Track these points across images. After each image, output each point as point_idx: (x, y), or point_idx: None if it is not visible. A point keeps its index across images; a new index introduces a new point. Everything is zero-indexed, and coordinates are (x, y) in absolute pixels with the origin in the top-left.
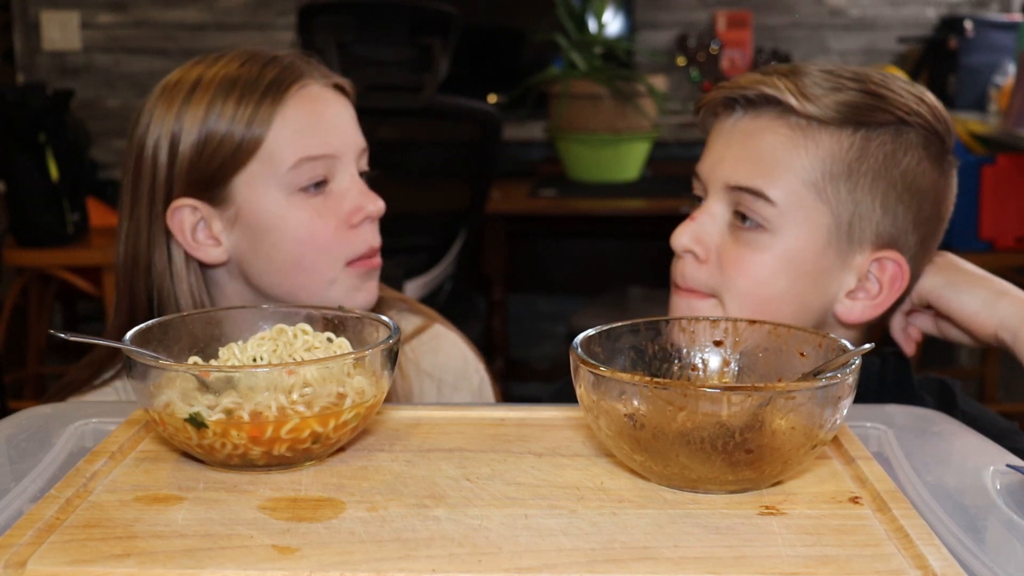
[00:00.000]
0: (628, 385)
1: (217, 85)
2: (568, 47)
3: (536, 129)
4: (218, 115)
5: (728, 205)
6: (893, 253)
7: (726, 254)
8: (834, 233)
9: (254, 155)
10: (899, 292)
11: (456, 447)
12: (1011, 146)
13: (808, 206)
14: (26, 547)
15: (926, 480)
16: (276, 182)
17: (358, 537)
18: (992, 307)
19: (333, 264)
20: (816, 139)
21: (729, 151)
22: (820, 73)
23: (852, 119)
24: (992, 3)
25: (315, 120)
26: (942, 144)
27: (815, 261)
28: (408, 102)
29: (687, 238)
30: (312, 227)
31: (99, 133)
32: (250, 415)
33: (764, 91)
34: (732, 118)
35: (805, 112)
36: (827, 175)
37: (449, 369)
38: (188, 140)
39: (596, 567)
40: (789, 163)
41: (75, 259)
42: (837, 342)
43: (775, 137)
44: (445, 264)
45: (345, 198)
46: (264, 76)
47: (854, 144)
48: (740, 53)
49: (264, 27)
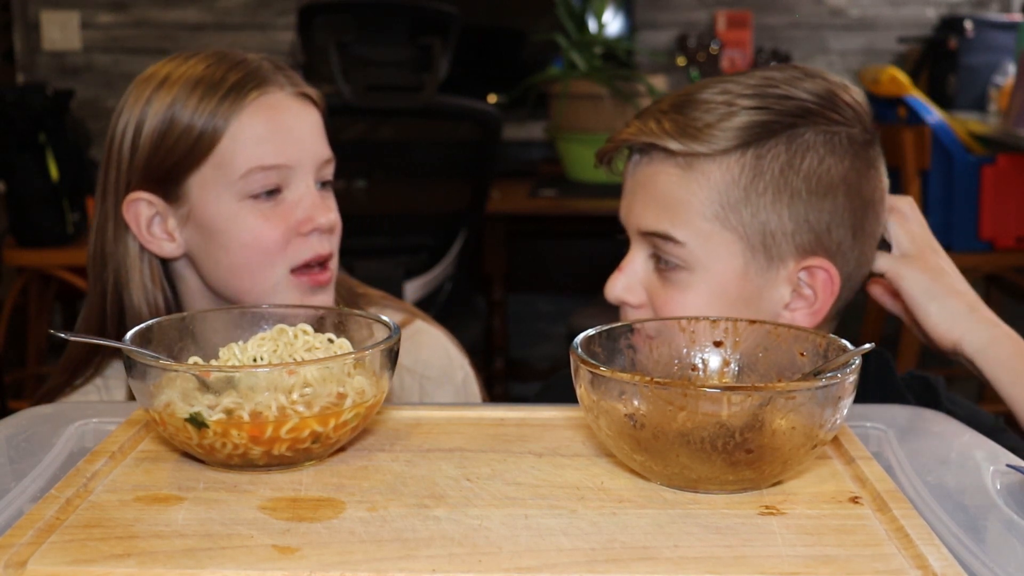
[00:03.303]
0: (628, 385)
1: (183, 82)
2: (568, 47)
3: (536, 129)
4: (179, 110)
5: (647, 249)
6: (818, 259)
7: (657, 298)
8: (750, 256)
9: (208, 157)
10: (833, 295)
11: (456, 447)
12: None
13: (716, 238)
14: (26, 547)
15: (926, 480)
16: (227, 187)
17: (358, 537)
18: (958, 323)
19: (275, 270)
20: (706, 172)
21: (635, 198)
22: (709, 99)
23: (740, 141)
24: (992, 3)
25: (271, 129)
26: (848, 128)
27: (740, 287)
28: (408, 102)
29: (618, 290)
30: (257, 232)
31: (99, 133)
32: (250, 415)
33: (643, 140)
34: (631, 163)
35: (688, 151)
36: (726, 204)
37: (432, 365)
38: (148, 130)
39: (596, 567)
40: (686, 202)
41: (75, 259)
42: (837, 342)
43: (667, 178)
44: (445, 264)
45: (297, 208)
46: (227, 79)
47: (746, 166)
48: (740, 53)
49: (264, 27)
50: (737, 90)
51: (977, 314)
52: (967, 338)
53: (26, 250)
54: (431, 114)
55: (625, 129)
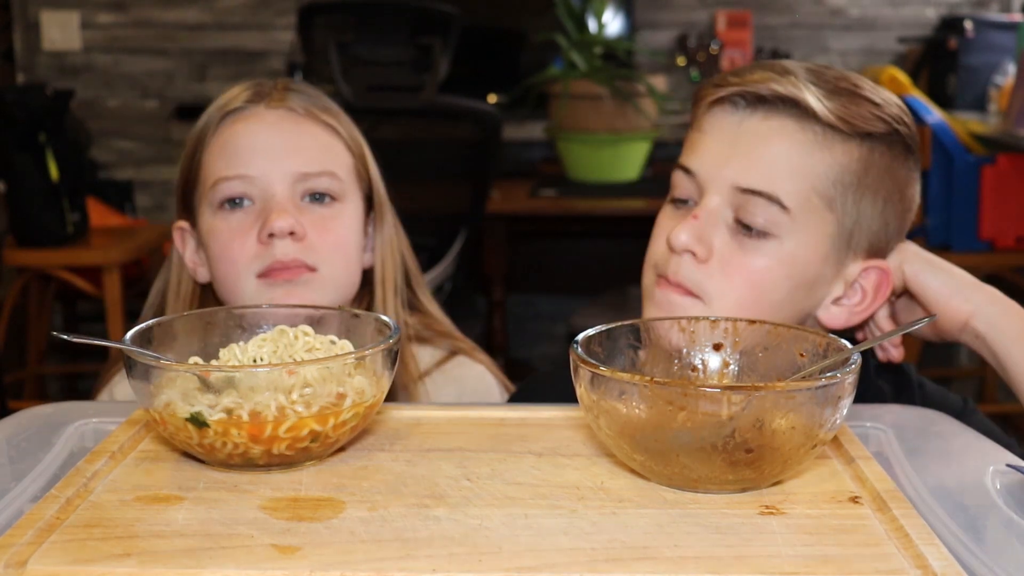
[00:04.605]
0: (628, 385)
1: (213, 106)
2: (568, 47)
3: (536, 129)
4: (197, 132)
5: (731, 207)
6: (880, 261)
7: (730, 258)
8: (836, 242)
9: (199, 176)
10: (883, 299)
11: (456, 447)
12: (1011, 146)
13: (817, 215)
14: (26, 547)
15: (926, 480)
16: (206, 200)
17: (358, 537)
18: (967, 293)
19: (246, 280)
20: (831, 147)
21: (736, 152)
22: (817, 75)
23: (859, 129)
24: (992, 3)
25: (236, 142)
26: (912, 146)
27: (815, 269)
28: (408, 102)
29: (688, 236)
30: (224, 241)
31: (99, 133)
32: (249, 415)
33: (782, 92)
34: (735, 115)
35: (826, 118)
36: (838, 185)
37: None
38: (181, 158)
39: (596, 567)
40: (807, 171)
41: (75, 259)
42: (837, 342)
43: (791, 142)
44: (445, 264)
45: (260, 217)
46: (229, 103)
47: (862, 154)
48: (740, 53)
49: (264, 27)
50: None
51: (982, 288)
52: (978, 312)
53: (26, 250)
54: (431, 114)
55: (746, 75)
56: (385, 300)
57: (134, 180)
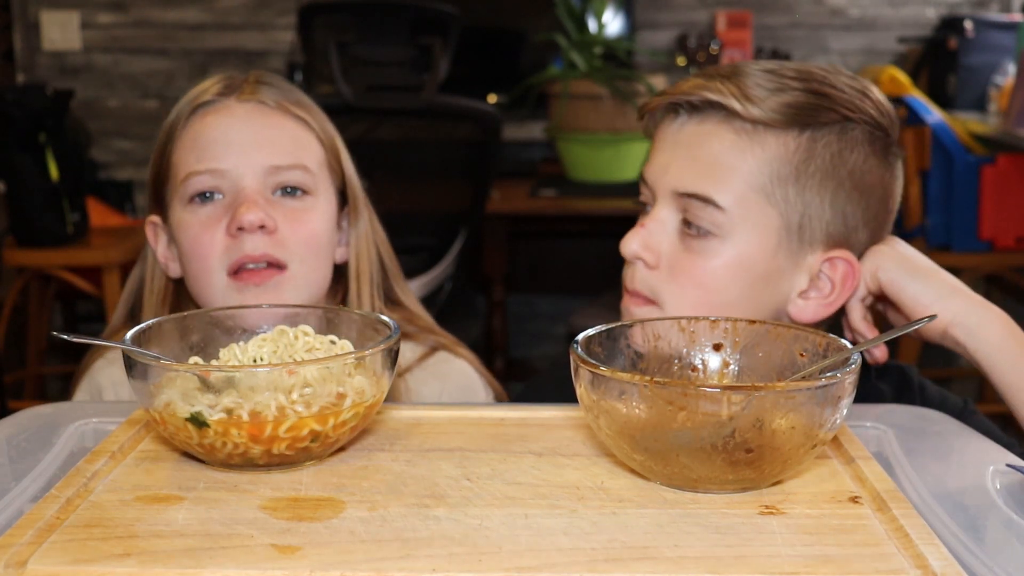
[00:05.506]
0: (628, 385)
1: (184, 99)
2: (568, 47)
3: (536, 129)
4: (168, 126)
5: (676, 211)
6: (844, 252)
7: (677, 262)
8: (784, 236)
9: (169, 170)
10: (851, 290)
11: (456, 447)
12: (1011, 146)
13: (757, 210)
14: (26, 547)
15: (926, 480)
16: (177, 195)
17: (358, 536)
18: (945, 302)
19: (215, 273)
20: (762, 142)
21: (675, 157)
22: (763, 73)
23: (797, 120)
24: (992, 3)
25: (206, 135)
26: (887, 138)
27: (766, 265)
28: (408, 102)
29: (636, 244)
30: (193, 236)
31: (99, 133)
32: (249, 415)
33: (706, 96)
34: (676, 123)
35: (749, 116)
36: (775, 178)
37: (454, 398)
38: (154, 149)
39: (596, 567)
40: (736, 168)
41: (75, 259)
42: (837, 342)
43: (720, 142)
44: (445, 264)
45: (230, 210)
46: (200, 96)
47: (800, 145)
48: (740, 53)
49: (264, 27)
50: (785, 72)
51: (962, 294)
52: (956, 321)
53: (26, 250)
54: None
55: (681, 84)
56: (360, 295)
57: (134, 180)
